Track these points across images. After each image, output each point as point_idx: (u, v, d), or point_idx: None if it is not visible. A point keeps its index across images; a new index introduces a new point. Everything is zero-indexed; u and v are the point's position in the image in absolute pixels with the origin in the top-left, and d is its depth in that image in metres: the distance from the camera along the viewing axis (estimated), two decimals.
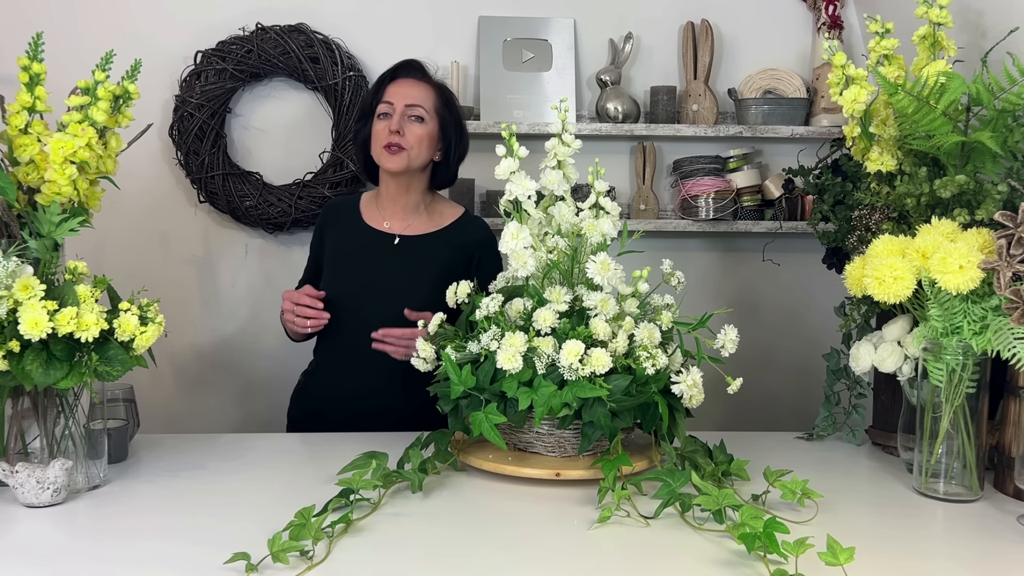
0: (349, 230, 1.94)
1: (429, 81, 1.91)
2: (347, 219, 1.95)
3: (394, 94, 1.85)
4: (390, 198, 1.92)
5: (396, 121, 1.82)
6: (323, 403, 1.88)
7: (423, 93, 1.87)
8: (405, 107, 1.83)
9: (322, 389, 1.91)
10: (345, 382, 1.86)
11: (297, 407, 1.96)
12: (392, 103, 1.84)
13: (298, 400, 1.97)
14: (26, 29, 1.49)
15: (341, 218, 1.96)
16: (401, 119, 1.82)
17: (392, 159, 1.83)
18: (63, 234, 1.30)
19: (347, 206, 1.98)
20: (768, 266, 2.56)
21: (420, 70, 1.92)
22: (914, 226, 1.43)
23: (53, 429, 1.30)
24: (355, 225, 1.94)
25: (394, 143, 1.82)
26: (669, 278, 1.50)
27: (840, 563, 0.96)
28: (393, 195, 1.91)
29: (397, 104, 1.84)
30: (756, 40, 2.55)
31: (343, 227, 1.94)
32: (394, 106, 1.84)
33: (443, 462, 1.40)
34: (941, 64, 1.50)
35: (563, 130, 1.45)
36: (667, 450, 1.36)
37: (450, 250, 1.89)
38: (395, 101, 1.84)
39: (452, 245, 1.90)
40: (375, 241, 1.91)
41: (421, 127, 1.85)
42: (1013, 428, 1.33)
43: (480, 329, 1.38)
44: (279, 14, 2.44)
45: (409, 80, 1.88)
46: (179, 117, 2.42)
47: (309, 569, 1.03)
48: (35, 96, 1.34)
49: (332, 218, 1.97)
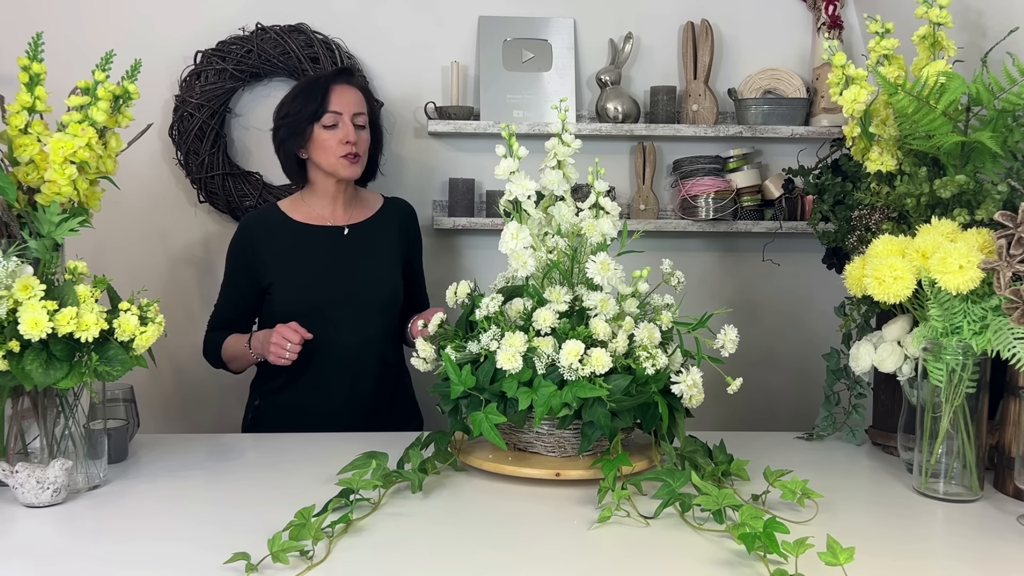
0: (288, 235, 1.91)
1: (359, 84, 1.97)
2: (280, 227, 1.93)
3: (339, 103, 1.87)
4: (330, 197, 1.95)
5: (351, 131, 1.86)
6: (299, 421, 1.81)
7: (360, 98, 1.92)
8: (353, 115, 1.87)
9: (298, 403, 1.87)
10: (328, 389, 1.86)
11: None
12: (340, 112, 1.86)
13: (262, 427, 1.90)
14: (26, 29, 1.49)
15: (271, 228, 1.93)
16: (353, 128, 1.87)
17: (351, 168, 1.88)
18: (63, 234, 1.30)
19: (270, 217, 1.95)
20: (768, 266, 2.56)
21: (351, 74, 1.98)
22: (914, 226, 1.43)
23: (53, 429, 1.30)
24: (292, 229, 1.92)
25: (352, 151, 1.86)
26: (669, 278, 1.50)
27: (840, 563, 0.96)
28: (333, 194, 1.95)
29: (345, 114, 1.87)
30: (756, 40, 2.55)
31: (279, 235, 1.92)
32: (342, 116, 1.86)
33: (443, 462, 1.40)
34: (941, 64, 1.50)
35: (563, 130, 1.45)
36: (667, 450, 1.36)
37: (393, 231, 1.98)
38: (342, 111, 1.87)
39: (392, 225, 1.99)
40: (324, 236, 1.93)
41: (365, 133, 1.92)
42: (1013, 428, 1.33)
43: (480, 329, 1.38)
44: (279, 14, 2.44)
45: (348, 86, 1.91)
46: (179, 117, 2.42)
47: (309, 569, 1.03)
48: (35, 96, 1.34)
49: (259, 232, 1.92)
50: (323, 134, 1.86)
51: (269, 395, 1.93)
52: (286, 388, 1.89)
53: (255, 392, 1.98)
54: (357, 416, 1.84)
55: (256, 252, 1.90)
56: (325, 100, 1.87)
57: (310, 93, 1.89)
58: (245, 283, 1.93)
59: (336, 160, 1.86)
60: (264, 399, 1.94)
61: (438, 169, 2.53)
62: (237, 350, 1.87)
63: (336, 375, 1.86)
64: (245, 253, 1.92)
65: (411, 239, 2.04)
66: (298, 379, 1.87)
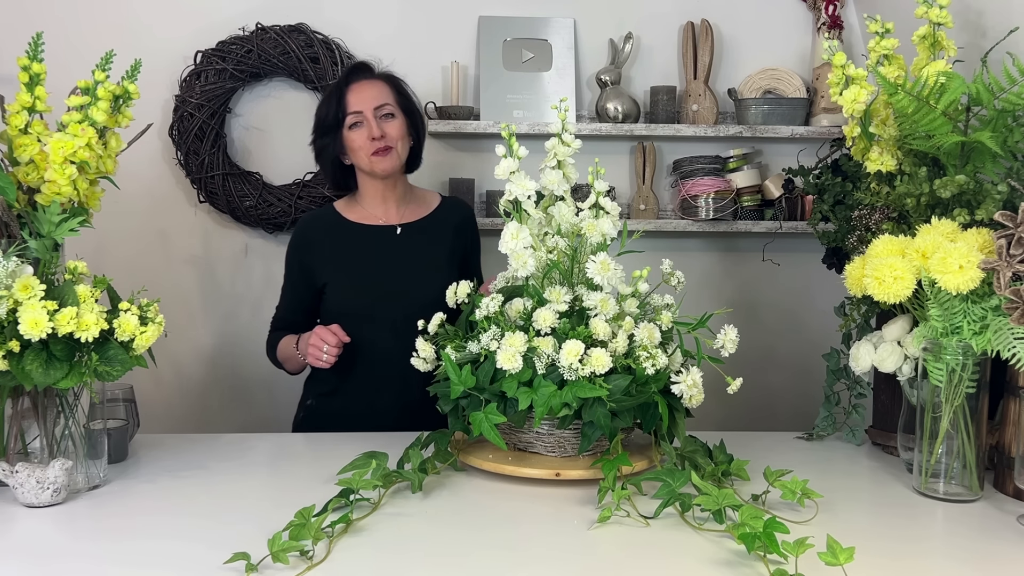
0: (342, 236, 1.91)
1: (380, 76, 1.92)
2: (334, 227, 1.92)
3: (357, 101, 1.85)
4: (378, 198, 1.93)
5: (374, 126, 1.83)
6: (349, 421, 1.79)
7: (382, 90, 1.88)
8: (374, 109, 1.84)
9: (350, 406, 1.85)
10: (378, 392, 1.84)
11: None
12: (360, 111, 1.84)
13: (312, 426, 1.88)
14: (26, 29, 1.49)
15: (326, 229, 1.92)
16: (376, 122, 1.83)
17: (384, 161, 1.85)
18: (63, 234, 1.30)
19: (326, 217, 1.95)
20: (768, 266, 2.56)
21: (369, 69, 1.93)
22: (914, 226, 1.43)
23: (53, 429, 1.30)
24: (347, 229, 1.92)
25: (381, 146, 1.83)
26: (669, 278, 1.50)
27: (840, 563, 0.96)
28: (381, 194, 1.92)
29: (365, 110, 1.84)
30: (756, 40, 2.55)
31: (334, 235, 1.91)
32: (363, 113, 1.84)
33: (443, 462, 1.40)
34: (941, 64, 1.50)
35: (563, 130, 1.45)
36: (667, 450, 1.36)
37: (448, 230, 1.94)
38: (362, 108, 1.84)
39: (448, 225, 1.95)
40: (377, 236, 1.91)
41: (395, 122, 1.87)
42: (1013, 428, 1.33)
43: (480, 329, 1.38)
44: (279, 14, 2.44)
45: (364, 82, 1.88)
46: (179, 117, 2.42)
47: (309, 569, 1.03)
48: (35, 96, 1.34)
49: (315, 232, 1.92)
50: (351, 135, 1.85)
51: (321, 395, 1.92)
52: (337, 387, 1.88)
53: (308, 391, 1.98)
54: (406, 415, 1.78)
55: (311, 252, 1.90)
56: (342, 102, 1.85)
57: (330, 100, 1.88)
58: (301, 283, 1.93)
59: (367, 158, 1.84)
60: (316, 398, 1.94)
61: (438, 169, 2.53)
62: (287, 351, 1.87)
63: (386, 374, 1.83)
64: (300, 253, 1.92)
65: (468, 240, 1.99)
66: (349, 378, 1.85)
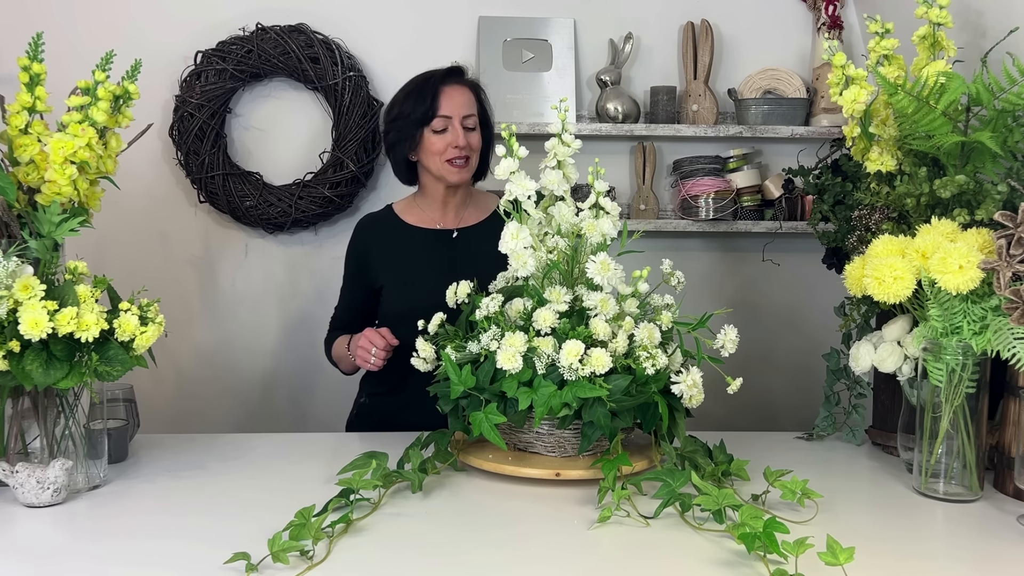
0: (400, 238, 1.90)
1: (470, 84, 1.91)
2: (391, 229, 1.92)
3: (449, 105, 1.83)
4: (440, 201, 1.91)
5: (461, 135, 1.82)
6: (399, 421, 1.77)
7: (470, 99, 1.87)
8: (463, 118, 1.83)
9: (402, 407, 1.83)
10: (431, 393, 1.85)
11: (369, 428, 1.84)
12: (449, 116, 1.82)
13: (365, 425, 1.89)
14: (26, 29, 1.49)
15: (384, 231, 1.92)
16: (463, 131, 1.82)
17: (460, 173, 1.84)
18: (63, 234, 1.30)
19: (384, 219, 1.95)
20: (768, 266, 2.56)
21: (462, 73, 1.91)
22: (914, 226, 1.43)
23: (53, 429, 1.30)
24: (404, 231, 1.91)
25: (461, 155, 1.82)
26: (669, 278, 1.50)
27: (840, 563, 0.96)
28: (444, 198, 1.91)
29: (455, 117, 1.82)
30: (756, 40, 2.55)
31: (391, 237, 1.91)
32: (452, 120, 1.82)
33: (443, 462, 1.40)
34: (941, 64, 1.50)
35: (563, 130, 1.45)
36: (667, 450, 1.36)
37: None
38: (452, 114, 1.82)
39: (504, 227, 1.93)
40: (434, 240, 1.90)
41: (476, 135, 1.86)
42: (1013, 428, 1.33)
43: (480, 329, 1.38)
44: (279, 14, 2.44)
45: (458, 87, 1.86)
46: (179, 117, 2.42)
47: (309, 569, 1.03)
48: (35, 96, 1.34)
49: (373, 234, 1.92)
50: (432, 138, 1.82)
51: (375, 395, 1.93)
52: (391, 387, 1.87)
53: (363, 390, 1.98)
54: None
55: (369, 253, 1.90)
56: (435, 103, 1.82)
57: (420, 95, 1.84)
58: (359, 284, 1.93)
59: (443, 165, 1.83)
60: (370, 398, 1.95)
61: None
62: (340, 351, 1.87)
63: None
64: (359, 254, 1.92)
65: None
66: (403, 381, 1.83)
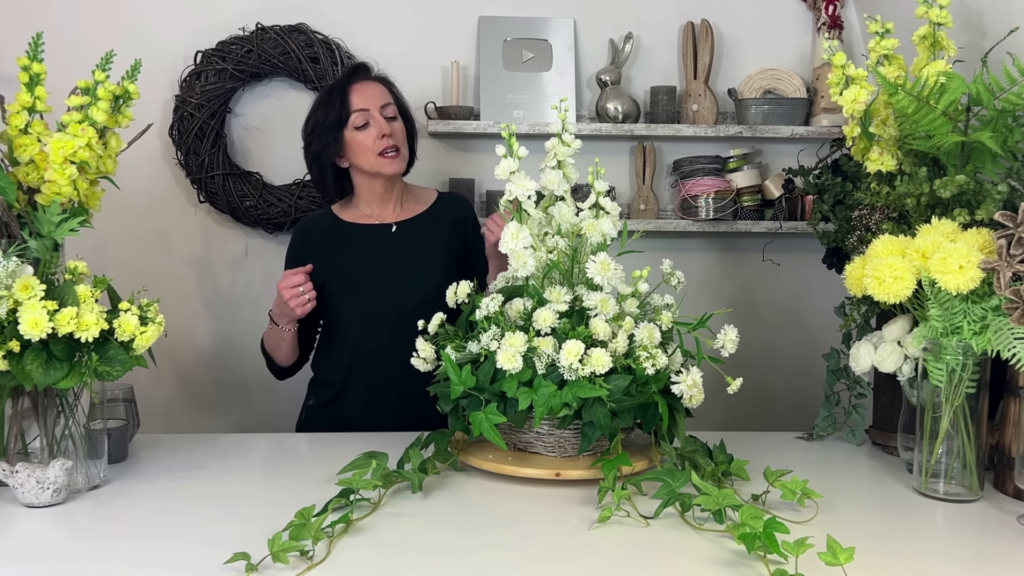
0: (339, 235, 1.90)
1: (378, 79, 1.91)
2: (332, 229, 1.91)
3: (362, 100, 1.82)
4: (375, 198, 1.92)
5: (384, 124, 1.81)
6: (350, 420, 1.80)
7: (382, 91, 1.87)
8: (380, 108, 1.82)
9: (352, 405, 1.85)
10: (382, 391, 1.83)
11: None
12: (367, 109, 1.81)
13: (314, 427, 1.88)
14: (26, 29, 1.49)
15: (324, 230, 1.92)
16: (386, 122, 1.82)
17: (394, 163, 1.84)
18: (63, 234, 1.30)
19: (323, 219, 1.94)
20: (768, 266, 2.56)
21: (368, 70, 1.92)
22: (914, 226, 1.43)
23: (53, 429, 1.30)
24: (344, 229, 1.91)
25: (391, 145, 1.82)
26: (669, 278, 1.50)
27: (840, 563, 0.96)
28: (380, 194, 1.91)
29: (372, 109, 1.82)
30: (756, 40, 2.55)
31: (331, 236, 1.90)
32: (370, 111, 1.81)
33: (443, 462, 1.40)
34: (941, 64, 1.50)
35: (563, 130, 1.45)
36: (667, 450, 1.36)
37: (444, 226, 1.92)
38: (368, 106, 1.82)
39: (444, 221, 1.93)
40: (373, 234, 1.90)
41: (398, 124, 1.86)
42: (1013, 428, 1.33)
43: (480, 329, 1.38)
44: (279, 14, 2.44)
45: (367, 83, 1.86)
46: (179, 117, 2.42)
47: (309, 569, 1.03)
48: (35, 96, 1.34)
49: (314, 235, 1.91)
50: (357, 136, 1.82)
51: (322, 395, 1.92)
52: (339, 386, 1.87)
53: (310, 392, 1.97)
54: (408, 411, 1.77)
55: (310, 254, 1.89)
56: (346, 102, 1.82)
57: (330, 100, 1.84)
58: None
59: (376, 159, 1.82)
60: (318, 399, 1.93)
61: (438, 169, 2.53)
62: (269, 334, 1.85)
63: (386, 372, 1.83)
64: (299, 256, 1.90)
65: (467, 234, 1.95)
66: (350, 377, 1.85)
